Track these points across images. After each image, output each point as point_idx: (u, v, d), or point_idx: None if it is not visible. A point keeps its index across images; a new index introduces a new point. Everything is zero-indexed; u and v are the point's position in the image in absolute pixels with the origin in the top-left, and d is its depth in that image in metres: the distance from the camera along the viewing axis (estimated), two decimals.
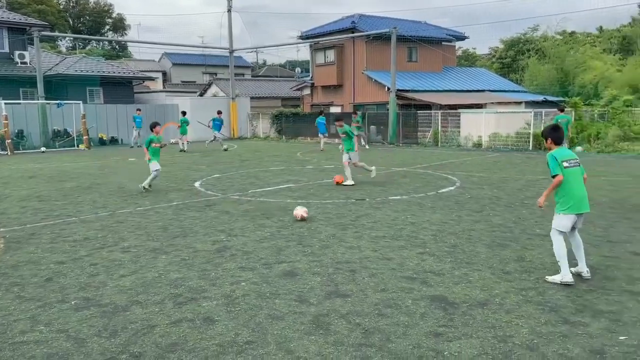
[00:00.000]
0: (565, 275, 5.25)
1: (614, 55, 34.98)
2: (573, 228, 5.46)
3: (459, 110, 24.62)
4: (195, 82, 54.09)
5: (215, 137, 24.14)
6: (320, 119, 24.11)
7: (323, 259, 6.22)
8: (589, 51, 34.04)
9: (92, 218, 8.86)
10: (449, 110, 25.18)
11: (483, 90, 31.79)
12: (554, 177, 5.46)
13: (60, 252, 6.69)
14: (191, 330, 4.27)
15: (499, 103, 28.16)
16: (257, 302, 4.86)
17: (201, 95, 40.98)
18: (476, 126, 23.39)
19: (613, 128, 21.06)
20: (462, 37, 35.65)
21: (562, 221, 5.41)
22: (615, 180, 12.60)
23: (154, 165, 11.67)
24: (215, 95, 39.57)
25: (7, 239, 7.43)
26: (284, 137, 31.36)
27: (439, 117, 24.95)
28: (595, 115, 23.00)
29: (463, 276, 5.56)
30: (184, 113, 25.37)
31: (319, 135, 24.18)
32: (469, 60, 48.14)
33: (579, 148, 20.34)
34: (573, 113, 22.71)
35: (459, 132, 24.14)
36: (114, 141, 29.12)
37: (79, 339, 4.14)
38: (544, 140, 5.81)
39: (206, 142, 25.26)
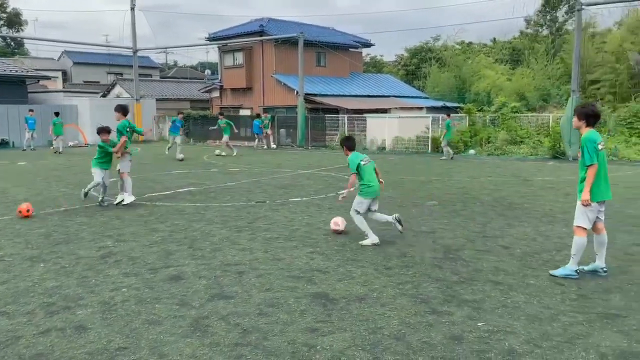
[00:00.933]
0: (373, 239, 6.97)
1: (505, 65, 37.78)
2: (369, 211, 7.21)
3: (365, 115, 25.42)
4: (98, 82, 51.39)
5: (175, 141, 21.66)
6: (256, 122, 25.12)
7: (212, 262, 6.19)
8: (483, 61, 36.52)
9: None
10: (355, 115, 25.92)
11: (388, 96, 33.02)
12: (353, 174, 7.23)
13: None
14: (60, 339, 4.10)
15: (403, 108, 29.42)
16: (136, 308, 4.75)
17: (104, 95, 39.04)
18: (380, 130, 24.28)
19: (502, 132, 22.75)
20: (368, 44, 36.81)
21: (361, 203, 7.16)
22: (499, 180, 13.63)
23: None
24: (118, 96, 37.84)
25: None
26: (191, 140, 30.67)
27: (346, 121, 25.62)
28: (487, 120, 24.71)
29: (347, 273, 5.78)
30: (57, 114, 23.92)
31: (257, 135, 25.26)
32: (376, 66, 49.81)
33: (471, 151, 21.77)
34: (467, 118, 24.26)
35: (365, 135, 24.91)
36: (4, 144, 26.99)
37: None
38: (342, 148, 7.29)
39: (166, 148, 22.04)
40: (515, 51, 41.02)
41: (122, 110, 10.15)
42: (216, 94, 34.16)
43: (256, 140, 25.63)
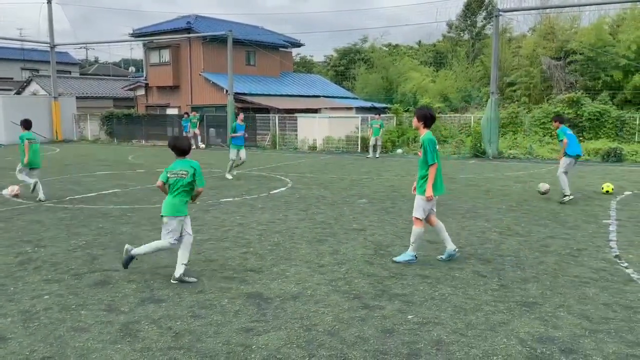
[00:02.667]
0: None
1: (429, 67, 39.25)
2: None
3: (296, 115, 25.52)
4: (12, 78, 48.05)
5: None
6: (184, 121, 25.79)
7: (141, 266, 6.00)
8: (409, 63, 37.74)
9: None
10: (286, 115, 25.95)
11: (318, 96, 33.33)
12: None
13: None
14: None
15: (333, 108, 29.81)
16: (60, 315, 4.53)
17: (18, 93, 36.65)
18: (311, 130, 24.46)
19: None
20: (298, 44, 36.95)
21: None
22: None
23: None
24: (35, 94, 35.67)
25: None
26: (115, 139, 29.46)
27: (277, 121, 25.60)
28: None
29: (281, 272, 5.80)
30: None
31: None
32: (306, 66, 50.11)
33: (399, 150, 22.45)
34: (395, 118, 24.97)
35: (296, 135, 25.02)
36: None
37: None
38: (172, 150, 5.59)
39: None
40: (439, 54, 42.72)
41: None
42: (141, 92, 33.00)
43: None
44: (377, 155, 20.38)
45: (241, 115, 14.81)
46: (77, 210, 9.37)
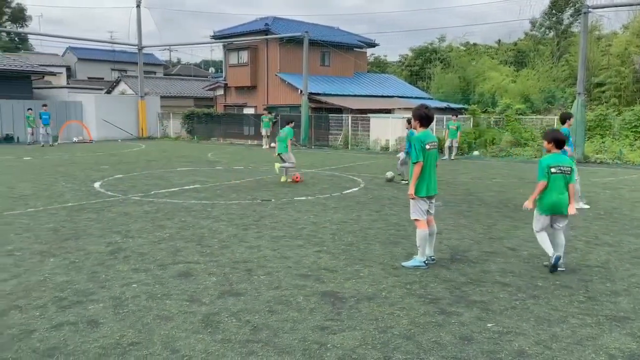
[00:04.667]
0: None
1: (509, 67, 37.75)
2: None
3: (369, 115, 25.44)
4: (103, 78, 51.47)
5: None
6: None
7: (221, 259, 6.22)
8: (488, 62, 36.49)
9: None
10: (359, 115, 25.94)
11: (392, 96, 33.02)
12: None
13: None
14: (73, 333, 4.13)
15: (407, 109, 29.41)
16: (147, 304, 4.78)
17: (108, 92, 39.14)
18: (384, 130, 24.29)
19: (506, 134, 22.75)
20: (373, 44, 36.81)
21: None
22: (503, 182, 13.65)
23: None
24: (123, 93, 37.97)
25: None
26: (195, 137, 30.72)
27: (350, 121, 25.64)
28: (492, 122, 24.71)
29: (355, 272, 5.81)
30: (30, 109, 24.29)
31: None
32: (380, 66, 49.80)
33: (475, 152, 21.78)
34: (472, 120, 24.25)
35: (369, 135, 24.94)
36: (8, 139, 27.06)
37: None
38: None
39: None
40: (520, 53, 40.98)
41: None
42: (220, 92, 34.20)
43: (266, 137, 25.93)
44: (452, 157, 19.90)
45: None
46: (162, 203, 9.86)
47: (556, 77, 32.96)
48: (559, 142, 5.96)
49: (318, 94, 28.11)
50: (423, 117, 6.01)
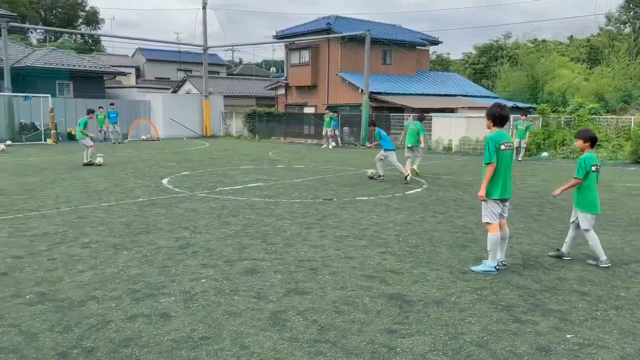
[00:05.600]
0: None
1: (582, 64, 35.92)
2: None
3: (431, 114, 24.93)
4: (169, 78, 53.45)
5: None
6: (334, 119, 26.15)
7: (286, 257, 6.25)
8: (558, 60, 34.87)
9: (53, 213, 8.70)
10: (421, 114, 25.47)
11: (455, 95, 32.26)
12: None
13: (18, 247, 6.56)
14: (146, 325, 4.25)
15: (471, 108, 28.62)
16: (216, 299, 4.86)
17: (174, 92, 40.55)
18: (447, 130, 23.74)
19: None
20: (435, 42, 36.11)
21: None
22: None
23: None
24: (188, 93, 39.22)
25: None
26: (256, 136, 31.25)
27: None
28: (562, 122, 23.59)
29: (421, 275, 5.66)
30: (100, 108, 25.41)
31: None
32: (442, 65, 48.80)
33: (544, 154, 20.86)
34: (541, 119, 23.24)
35: (430, 135, 24.44)
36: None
37: (31, 333, 4.08)
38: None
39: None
40: (594, 49, 38.92)
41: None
42: (281, 91, 34.62)
43: (334, 137, 25.99)
44: (520, 159, 19.14)
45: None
46: (227, 200, 10.06)
47: (633, 74, 31.03)
48: (594, 140, 6.31)
49: (379, 93, 27.88)
50: (496, 117, 5.77)
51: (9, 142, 23.93)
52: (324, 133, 25.78)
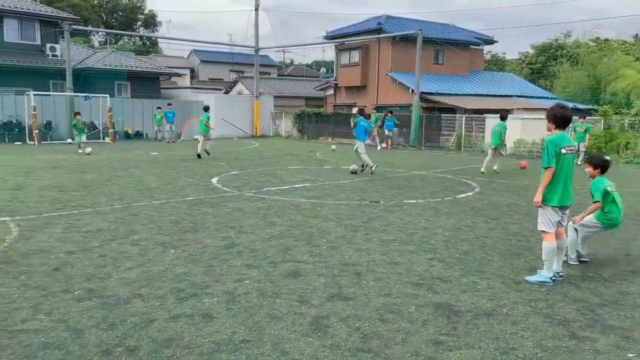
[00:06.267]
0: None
1: None
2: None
3: (484, 115, 24.24)
4: (222, 79, 54.54)
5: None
6: (389, 120, 25.66)
7: (330, 260, 6.14)
8: (622, 59, 33.12)
9: (107, 210, 8.96)
10: (473, 115, 24.82)
11: (510, 96, 31.25)
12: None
13: (71, 242, 6.76)
14: (189, 326, 4.25)
15: (527, 109, 27.62)
16: (258, 301, 4.81)
17: (226, 92, 41.31)
18: None
19: None
20: (490, 41, 35.13)
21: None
22: None
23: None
24: (240, 93, 39.85)
25: (22, 227, 7.56)
26: (305, 136, 31.34)
27: (463, 121, 24.63)
28: (626, 124, 22.35)
29: (471, 284, 5.42)
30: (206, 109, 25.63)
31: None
32: (497, 64, 47.40)
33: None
34: (602, 122, 22.12)
35: (484, 137, 23.74)
36: (138, 135, 29.54)
37: (77, 329, 4.15)
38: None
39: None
40: None
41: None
42: (331, 92, 34.62)
43: (389, 138, 25.69)
44: (579, 162, 18.24)
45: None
46: (273, 201, 10.07)
47: None
48: (606, 169, 6.43)
49: (430, 93, 27.37)
50: (558, 118, 5.40)
51: (69, 140, 25.03)
52: (373, 134, 25.45)
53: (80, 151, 19.71)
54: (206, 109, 18.86)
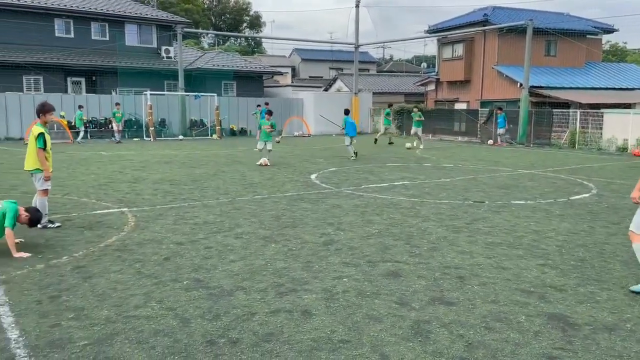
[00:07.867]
0: None
1: None
2: None
3: (602, 110, 22.31)
4: (322, 77, 55.26)
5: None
6: (500, 116, 24.40)
7: (430, 262, 5.92)
8: None
9: (213, 203, 9.37)
10: (589, 110, 22.93)
11: (633, 89, 28.50)
12: None
13: (180, 234, 7.14)
14: (288, 321, 4.27)
15: None
16: (357, 300, 4.74)
17: (326, 90, 41.78)
18: (622, 128, 21.03)
19: None
20: (610, 30, 32.25)
21: None
22: None
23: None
24: (339, 90, 40.11)
25: (138, 217, 8.12)
26: (404, 133, 30.82)
27: (578, 117, 22.83)
28: None
29: (589, 295, 4.94)
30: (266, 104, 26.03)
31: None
32: (617, 55, 43.47)
33: None
34: None
35: (601, 133, 21.90)
36: (243, 132, 30.77)
37: (184, 318, 4.34)
38: None
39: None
40: None
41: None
42: (432, 87, 33.74)
43: (501, 136, 24.65)
44: None
45: None
46: (371, 198, 9.96)
47: None
48: None
49: (540, 87, 25.72)
50: None
51: (181, 137, 26.69)
52: (412, 132, 23.70)
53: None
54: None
